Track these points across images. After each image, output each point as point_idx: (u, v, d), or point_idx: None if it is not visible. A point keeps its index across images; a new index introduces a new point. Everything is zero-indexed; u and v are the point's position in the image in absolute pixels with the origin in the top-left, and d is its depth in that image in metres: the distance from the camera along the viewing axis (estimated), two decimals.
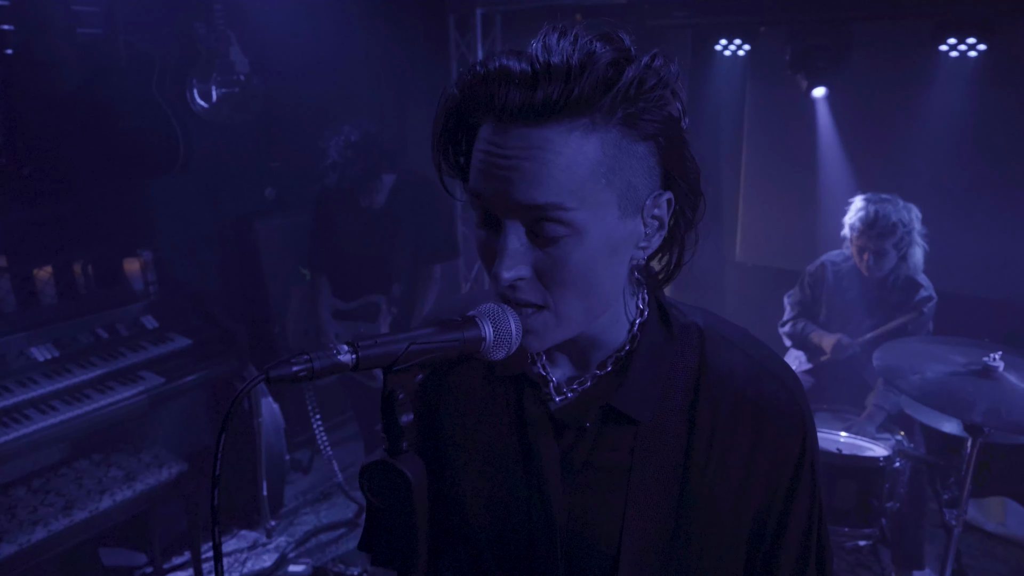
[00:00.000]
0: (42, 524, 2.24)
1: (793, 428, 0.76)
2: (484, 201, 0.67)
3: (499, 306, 0.67)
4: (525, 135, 0.63)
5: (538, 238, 0.66)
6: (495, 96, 0.64)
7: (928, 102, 3.02)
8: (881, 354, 2.02)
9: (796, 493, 0.76)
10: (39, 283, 2.68)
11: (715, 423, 0.75)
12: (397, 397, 0.60)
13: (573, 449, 0.77)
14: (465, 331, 0.64)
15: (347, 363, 0.57)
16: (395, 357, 0.60)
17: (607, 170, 0.65)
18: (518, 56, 0.64)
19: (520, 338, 0.67)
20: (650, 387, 0.76)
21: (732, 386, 0.76)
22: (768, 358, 0.79)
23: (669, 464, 0.75)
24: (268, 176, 3.69)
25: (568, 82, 0.62)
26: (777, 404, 0.75)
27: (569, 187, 0.64)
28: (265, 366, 0.54)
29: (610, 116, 0.64)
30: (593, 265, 0.67)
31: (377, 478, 0.62)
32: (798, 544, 0.78)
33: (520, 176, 0.64)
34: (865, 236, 2.55)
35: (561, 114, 0.62)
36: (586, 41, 0.63)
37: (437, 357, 0.62)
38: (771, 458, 0.75)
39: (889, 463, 2.11)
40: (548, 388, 0.78)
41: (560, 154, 0.63)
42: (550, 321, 0.69)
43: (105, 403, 2.48)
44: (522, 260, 0.66)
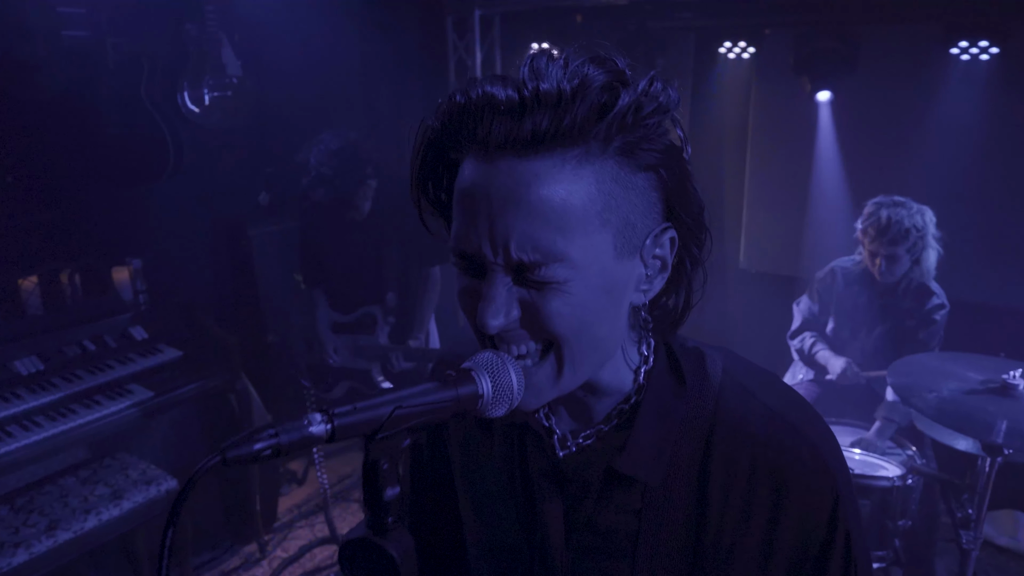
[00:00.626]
0: (24, 546, 2.16)
1: (819, 491, 0.66)
2: (466, 245, 0.60)
3: (497, 355, 0.59)
4: (512, 169, 0.57)
5: (526, 282, 0.60)
6: (479, 127, 0.58)
7: (938, 106, 2.94)
8: (896, 371, 1.95)
9: (827, 567, 0.67)
10: (24, 293, 2.60)
11: (730, 484, 0.67)
12: (381, 467, 0.52)
13: (577, 506, 0.71)
14: (460, 387, 0.56)
15: (320, 435, 0.49)
16: (378, 424, 0.52)
17: (602, 207, 0.59)
18: (504, 82, 0.58)
19: (522, 390, 0.59)
20: (658, 445, 0.68)
21: (748, 442, 0.68)
22: (791, 408, 0.70)
23: (680, 530, 0.68)
24: (262, 181, 3.61)
25: (559, 109, 0.56)
26: (800, 463, 0.66)
27: (561, 232, 0.57)
28: (222, 444, 0.47)
29: (605, 146, 0.58)
30: (589, 310, 0.61)
31: (360, 558, 0.54)
32: None
33: (505, 226, 0.57)
34: (877, 242, 2.48)
35: (552, 144, 0.56)
36: (578, 65, 0.57)
37: (426, 420, 0.54)
38: (795, 526, 0.66)
39: (902, 482, 2.04)
40: (552, 439, 0.71)
41: (551, 193, 0.57)
42: (547, 371, 0.62)
43: (91, 418, 2.40)
44: (509, 304, 0.60)
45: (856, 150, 3.23)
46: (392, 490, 0.53)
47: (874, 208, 2.52)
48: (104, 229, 2.93)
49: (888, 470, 2.12)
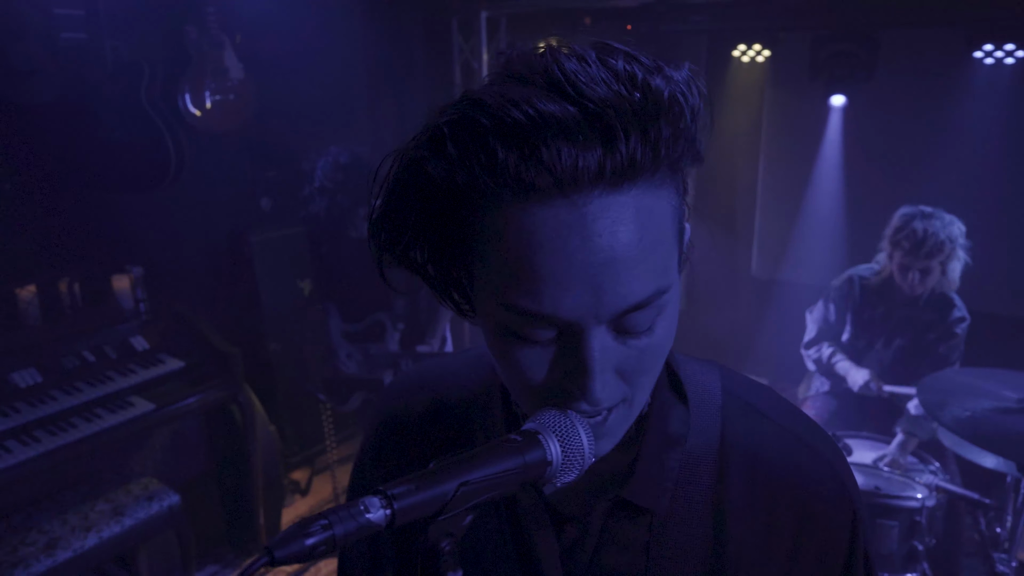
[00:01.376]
0: (22, 566, 2.09)
1: (841, 514, 0.63)
2: (557, 319, 0.49)
3: (563, 414, 0.52)
4: (607, 208, 0.47)
5: (624, 332, 0.51)
6: (548, 163, 0.45)
7: (960, 111, 2.88)
8: (927, 387, 1.89)
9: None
10: (21, 303, 2.53)
11: (749, 511, 0.62)
12: (442, 550, 0.46)
13: (576, 548, 0.63)
14: (527, 454, 0.49)
15: (379, 523, 0.42)
16: (442, 503, 0.45)
17: (678, 226, 0.53)
18: (544, 96, 0.46)
19: (592, 453, 0.52)
20: (665, 469, 0.62)
21: (765, 466, 0.63)
22: (803, 427, 0.67)
23: (693, 563, 0.62)
24: (263, 186, 3.54)
25: (647, 129, 0.46)
26: (822, 486, 0.63)
27: (663, 264, 0.50)
28: (270, 541, 0.40)
29: (678, 159, 0.50)
30: (671, 337, 0.55)
31: None
32: None
33: (614, 276, 0.48)
34: (912, 255, 2.41)
35: (641, 173, 0.48)
36: (626, 67, 0.47)
37: (493, 495, 0.48)
38: (818, 550, 0.63)
39: (932, 503, 1.98)
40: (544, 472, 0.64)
41: (649, 226, 0.49)
42: (623, 416, 0.56)
43: (92, 432, 2.33)
44: (610, 368, 0.52)
45: (873, 156, 3.16)
46: (455, 574, 0.46)
47: (905, 220, 2.44)
48: (103, 236, 2.85)
49: (915, 489, 2.06)
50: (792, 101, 3.25)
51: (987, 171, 2.89)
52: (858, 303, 2.68)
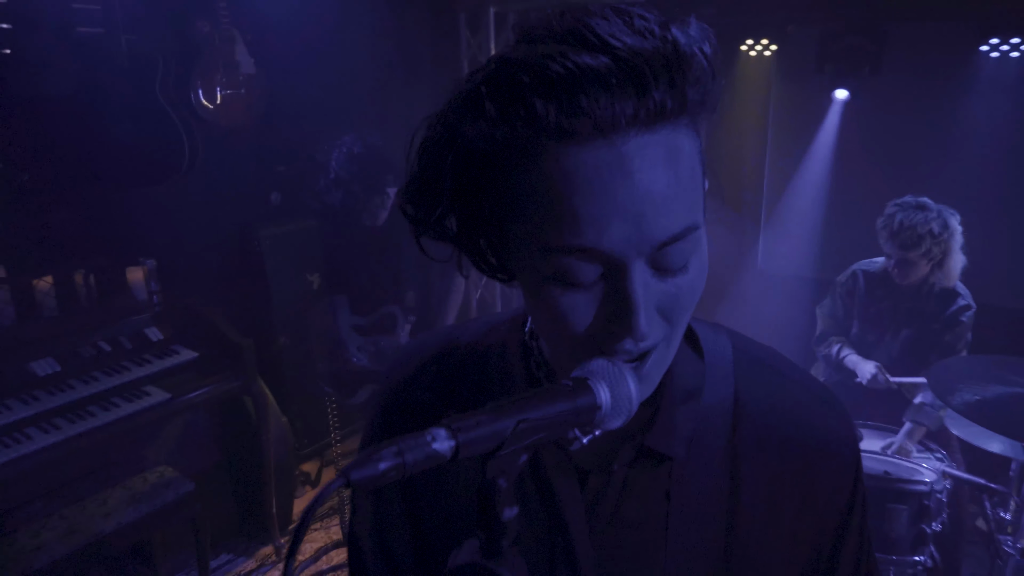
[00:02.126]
0: (45, 550, 2.13)
1: (848, 461, 0.69)
2: (601, 253, 0.52)
3: (612, 363, 0.54)
4: (643, 146, 0.50)
5: (662, 269, 0.54)
6: (588, 110, 0.49)
7: (966, 105, 2.90)
8: (936, 373, 1.91)
9: (849, 525, 0.70)
10: (39, 294, 2.56)
11: (760, 459, 0.66)
12: (499, 487, 0.49)
13: (600, 499, 0.66)
14: (578, 399, 0.52)
15: (444, 453, 0.45)
16: (502, 439, 0.48)
17: (703, 168, 0.56)
18: (581, 50, 0.49)
19: (639, 399, 0.55)
20: (684, 419, 0.66)
21: (776, 412, 0.67)
22: (812, 382, 0.72)
23: (712, 509, 0.65)
24: (274, 181, 3.57)
25: (673, 76, 0.50)
26: (832, 434, 0.68)
27: (693, 200, 0.54)
28: (345, 466, 0.42)
29: (698, 105, 0.53)
30: (703, 279, 0.58)
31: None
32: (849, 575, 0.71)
33: (653, 206, 0.51)
34: (890, 244, 2.45)
35: (674, 115, 0.51)
36: (649, 21, 0.51)
37: (547, 435, 0.50)
38: (826, 493, 0.68)
39: (937, 486, 2.01)
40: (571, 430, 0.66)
41: (681, 163, 0.52)
42: (661, 359, 0.58)
43: (109, 420, 2.36)
44: (653, 304, 0.54)
45: (880, 150, 3.18)
46: (511, 510, 0.49)
47: (892, 211, 2.47)
48: (118, 229, 2.89)
49: (923, 474, 2.09)
50: (799, 95, 3.27)
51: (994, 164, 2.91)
52: (864, 297, 2.70)
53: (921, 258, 2.44)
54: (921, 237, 2.38)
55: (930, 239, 2.39)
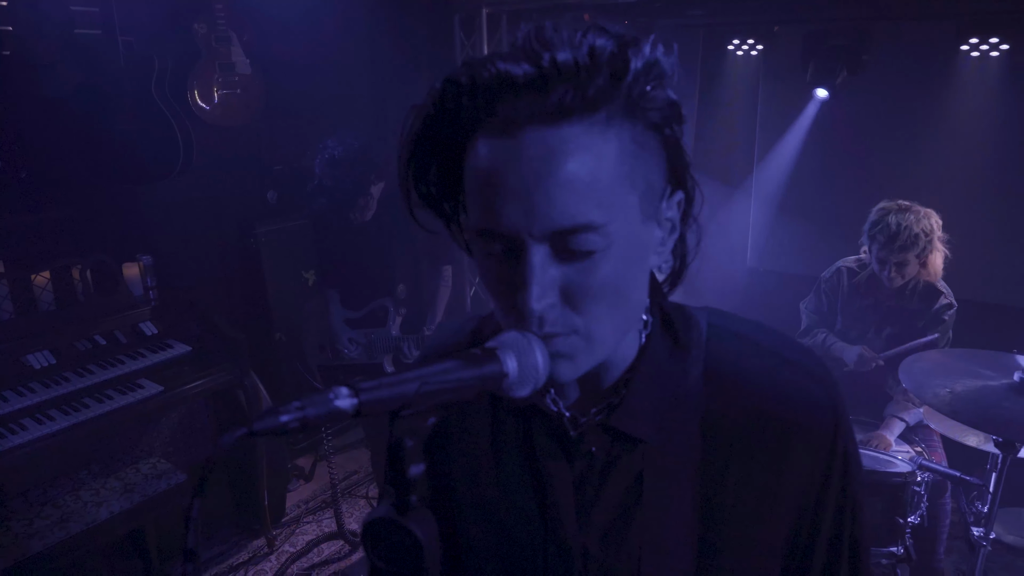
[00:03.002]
0: (38, 537, 2.18)
1: (823, 417, 0.67)
2: (496, 217, 0.58)
3: (523, 335, 0.59)
4: (542, 139, 0.55)
5: (565, 254, 0.58)
6: (499, 106, 0.56)
7: (948, 104, 2.93)
8: (908, 367, 1.94)
9: (829, 485, 0.68)
10: (37, 289, 2.62)
11: (732, 429, 0.67)
12: (406, 445, 0.53)
13: (584, 481, 0.70)
14: (484, 366, 0.56)
15: (346, 410, 0.49)
16: (404, 400, 0.52)
17: (629, 169, 0.59)
18: (510, 57, 0.56)
19: (547, 372, 0.59)
20: (655, 401, 0.68)
21: (747, 383, 0.68)
22: (784, 343, 0.71)
23: (684, 487, 0.68)
24: (270, 179, 3.63)
25: (579, 79, 0.55)
26: (800, 393, 0.67)
27: (598, 196, 0.57)
28: (251, 418, 0.47)
29: (624, 109, 0.58)
30: (624, 276, 0.61)
31: (383, 538, 0.54)
32: (826, 553, 0.70)
33: (543, 194, 0.56)
34: (887, 248, 2.46)
35: (577, 112, 0.56)
36: (581, 34, 0.57)
37: (452, 398, 0.55)
38: (802, 454, 0.67)
39: (912, 478, 2.03)
40: (562, 422, 0.71)
41: (583, 160, 0.56)
42: (579, 345, 0.62)
43: (103, 412, 2.42)
44: (550, 285, 0.59)
45: (864, 148, 3.21)
46: (417, 468, 0.53)
47: (881, 215, 2.49)
48: (115, 226, 2.95)
49: (899, 466, 2.12)
50: (786, 94, 3.30)
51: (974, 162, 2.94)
52: (847, 294, 2.73)
53: (915, 258, 2.47)
54: (917, 236, 2.42)
55: (924, 237, 2.43)
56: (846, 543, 0.70)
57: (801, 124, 3.30)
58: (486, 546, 0.75)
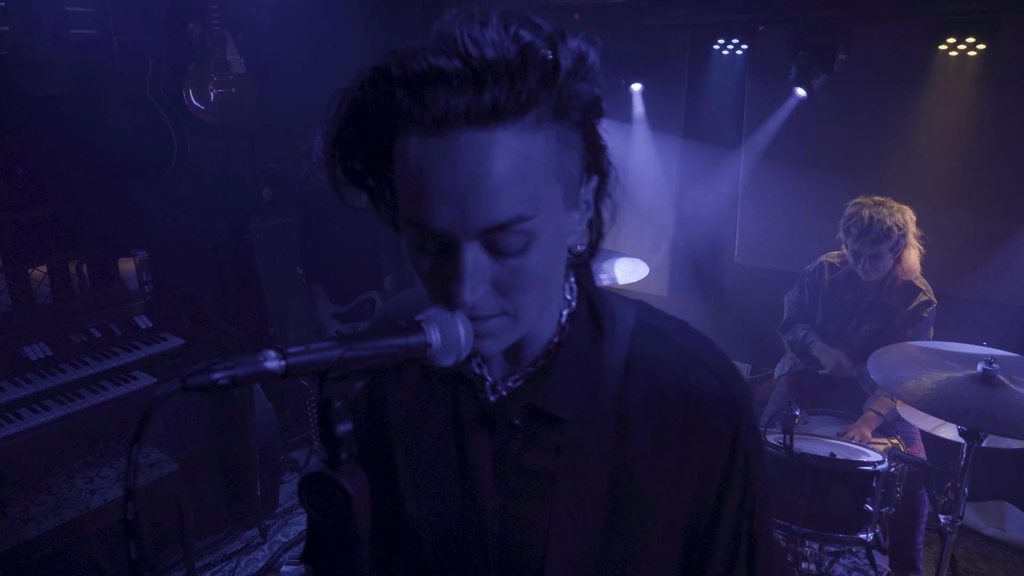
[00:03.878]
0: (33, 523, 2.25)
1: (725, 417, 0.72)
2: (429, 217, 0.61)
3: (448, 311, 0.64)
4: (473, 142, 0.58)
5: (495, 250, 0.62)
6: (427, 103, 0.57)
7: (927, 102, 2.97)
8: (877, 360, 1.99)
9: (729, 484, 0.74)
10: (34, 282, 2.68)
11: (644, 418, 0.73)
12: (334, 406, 0.58)
13: (505, 448, 0.75)
14: (409, 337, 0.62)
15: (274, 371, 0.55)
16: (329, 365, 0.57)
17: (555, 166, 0.62)
18: (440, 52, 0.56)
19: (469, 344, 0.65)
20: (576, 384, 0.73)
21: (661, 378, 0.73)
22: (700, 346, 0.76)
23: (598, 464, 0.73)
24: (265, 177, 3.69)
25: (512, 80, 0.57)
26: (707, 392, 0.72)
27: (527, 195, 0.60)
28: (183, 372, 0.52)
29: (553, 109, 0.60)
30: (549, 264, 0.65)
31: (316, 491, 0.60)
32: (726, 548, 0.75)
33: (476, 197, 0.58)
34: (860, 242, 2.52)
35: (510, 114, 0.58)
36: (514, 30, 0.58)
37: (375, 364, 0.60)
38: (704, 450, 0.72)
39: (883, 468, 2.08)
40: (484, 387, 0.76)
41: (513, 162, 0.59)
42: (507, 324, 0.67)
43: (98, 402, 2.48)
44: (482, 279, 0.63)
45: (847, 147, 3.26)
46: (344, 426, 0.59)
47: (856, 208, 2.55)
48: (111, 222, 3.01)
49: (869, 456, 2.16)
50: (771, 93, 3.34)
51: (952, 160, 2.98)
52: (828, 288, 2.78)
53: (889, 252, 2.52)
54: (890, 229, 2.47)
55: (896, 231, 2.48)
56: (744, 538, 0.76)
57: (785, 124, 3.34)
58: (417, 501, 0.81)
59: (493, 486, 0.75)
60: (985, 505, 3.14)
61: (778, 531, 2.11)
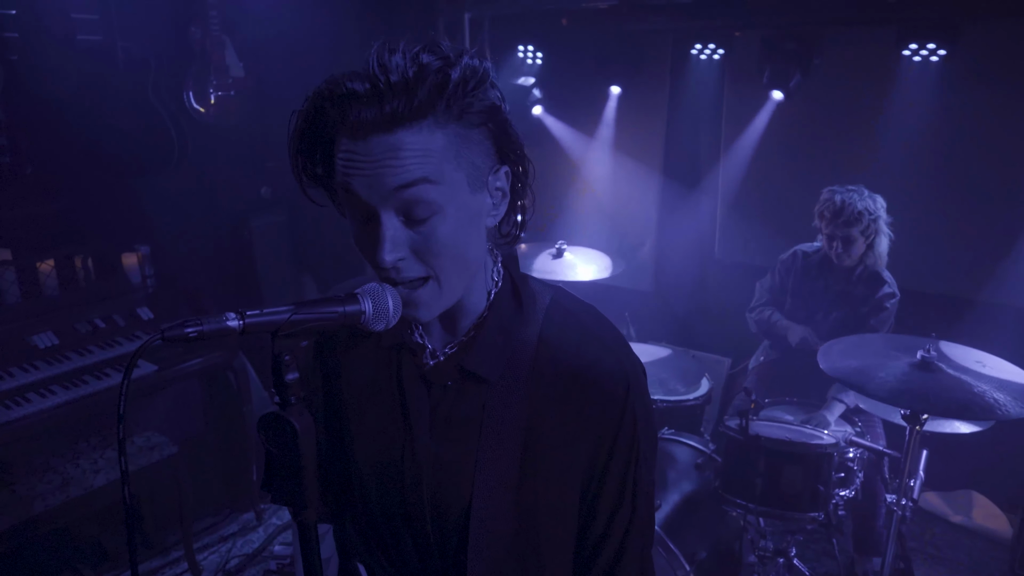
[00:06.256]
0: (40, 500, 2.39)
1: (616, 386, 0.87)
2: (356, 196, 0.76)
3: (381, 285, 0.79)
4: (383, 141, 0.74)
5: (410, 220, 0.77)
6: (348, 115, 0.74)
7: (892, 104, 3.10)
8: (826, 350, 2.11)
9: (617, 442, 0.88)
10: (42, 275, 2.82)
11: (550, 384, 0.87)
12: (284, 359, 0.72)
13: (439, 405, 0.90)
14: (346, 306, 0.76)
15: (235, 328, 0.69)
16: (278, 325, 0.72)
17: (454, 154, 0.77)
18: (359, 77, 0.74)
19: (398, 313, 0.79)
20: (498, 350, 0.88)
21: (564, 351, 0.88)
22: (600, 326, 0.92)
23: (513, 421, 0.87)
24: (264, 175, 3.82)
25: (408, 94, 0.73)
26: (601, 366, 0.87)
27: (430, 167, 0.75)
28: (162, 326, 0.67)
29: (447, 113, 0.76)
30: (459, 235, 0.79)
31: (271, 428, 0.74)
32: (615, 490, 0.90)
33: (387, 171, 0.75)
34: (833, 224, 2.66)
35: (408, 120, 0.74)
36: (414, 54, 0.74)
37: (318, 326, 0.74)
38: (596, 414, 0.87)
39: (836, 451, 2.21)
40: (424, 354, 0.91)
41: (415, 148, 0.75)
42: (434, 291, 0.81)
43: (101, 388, 2.62)
44: (400, 243, 0.77)
45: (818, 146, 3.39)
46: (292, 375, 0.73)
47: (829, 194, 2.71)
48: (116, 218, 3.14)
49: (824, 439, 2.29)
50: (747, 96, 3.47)
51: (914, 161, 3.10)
52: (799, 275, 2.92)
53: (860, 235, 2.66)
54: (860, 213, 2.62)
55: (867, 216, 2.63)
56: (630, 484, 0.91)
57: (760, 125, 3.48)
58: (364, 451, 0.96)
59: (428, 435, 0.90)
60: (953, 494, 3.26)
61: (736, 509, 2.24)
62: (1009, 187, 3.05)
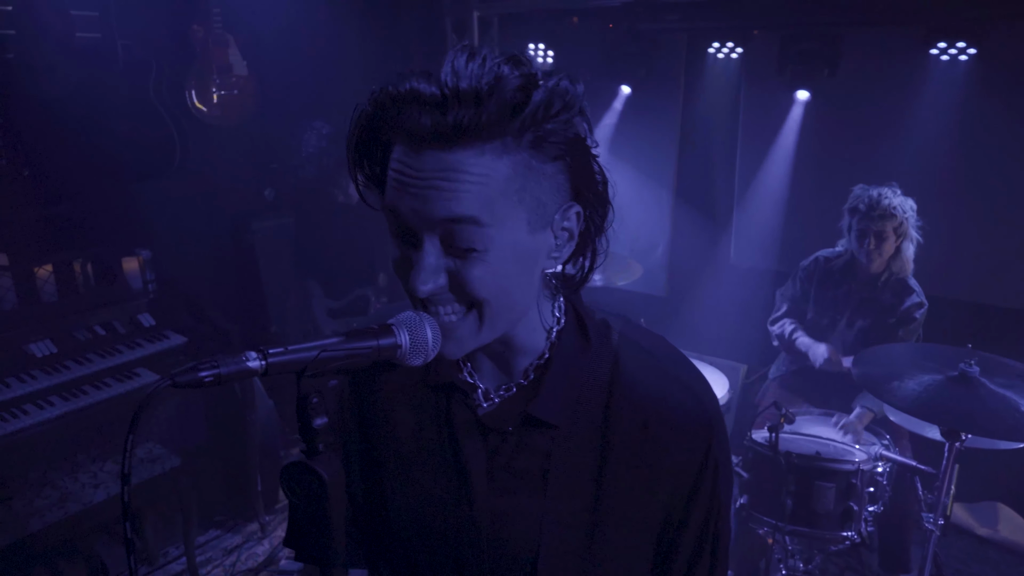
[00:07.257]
0: (38, 516, 2.30)
1: (698, 432, 0.79)
2: (400, 217, 0.68)
3: (418, 315, 0.69)
4: (439, 159, 0.65)
5: (453, 249, 0.68)
6: (406, 118, 0.65)
7: (918, 106, 3.01)
8: (859, 361, 2.02)
9: (699, 489, 0.80)
10: (39, 281, 2.74)
11: (626, 428, 0.78)
12: (311, 401, 0.63)
13: (497, 452, 0.80)
14: (381, 339, 0.66)
15: (256, 369, 0.60)
16: (305, 364, 0.62)
17: (518, 188, 0.67)
18: (428, 78, 0.64)
19: (437, 347, 0.69)
20: (566, 394, 0.79)
21: (642, 392, 0.79)
22: (678, 365, 0.83)
23: (584, 468, 0.78)
24: (266, 177, 3.74)
25: (478, 107, 0.63)
26: (683, 409, 0.79)
27: (482, 202, 0.66)
28: (172, 371, 0.57)
29: (519, 139, 0.66)
30: (505, 276, 0.70)
31: (295, 478, 0.65)
32: (694, 542, 0.82)
33: (436, 195, 0.65)
34: (868, 218, 2.57)
35: (472, 138, 0.64)
36: (494, 64, 0.64)
37: (349, 364, 0.65)
38: (677, 461, 0.79)
39: (869, 467, 2.12)
40: (476, 395, 0.81)
41: (473, 174, 0.65)
42: (472, 327, 0.72)
43: (101, 399, 2.54)
44: (438, 272, 0.68)
45: (839, 148, 3.30)
46: (320, 420, 0.63)
47: (862, 189, 2.64)
48: (115, 221, 3.06)
49: (853, 455, 2.20)
50: (764, 96, 3.38)
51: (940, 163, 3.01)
52: (822, 282, 2.82)
53: (893, 232, 2.58)
54: (895, 208, 2.55)
55: (900, 213, 2.56)
56: (710, 536, 0.83)
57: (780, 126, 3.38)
58: (406, 497, 0.86)
59: (485, 485, 0.80)
60: (979, 506, 3.17)
61: (764, 527, 2.15)
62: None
